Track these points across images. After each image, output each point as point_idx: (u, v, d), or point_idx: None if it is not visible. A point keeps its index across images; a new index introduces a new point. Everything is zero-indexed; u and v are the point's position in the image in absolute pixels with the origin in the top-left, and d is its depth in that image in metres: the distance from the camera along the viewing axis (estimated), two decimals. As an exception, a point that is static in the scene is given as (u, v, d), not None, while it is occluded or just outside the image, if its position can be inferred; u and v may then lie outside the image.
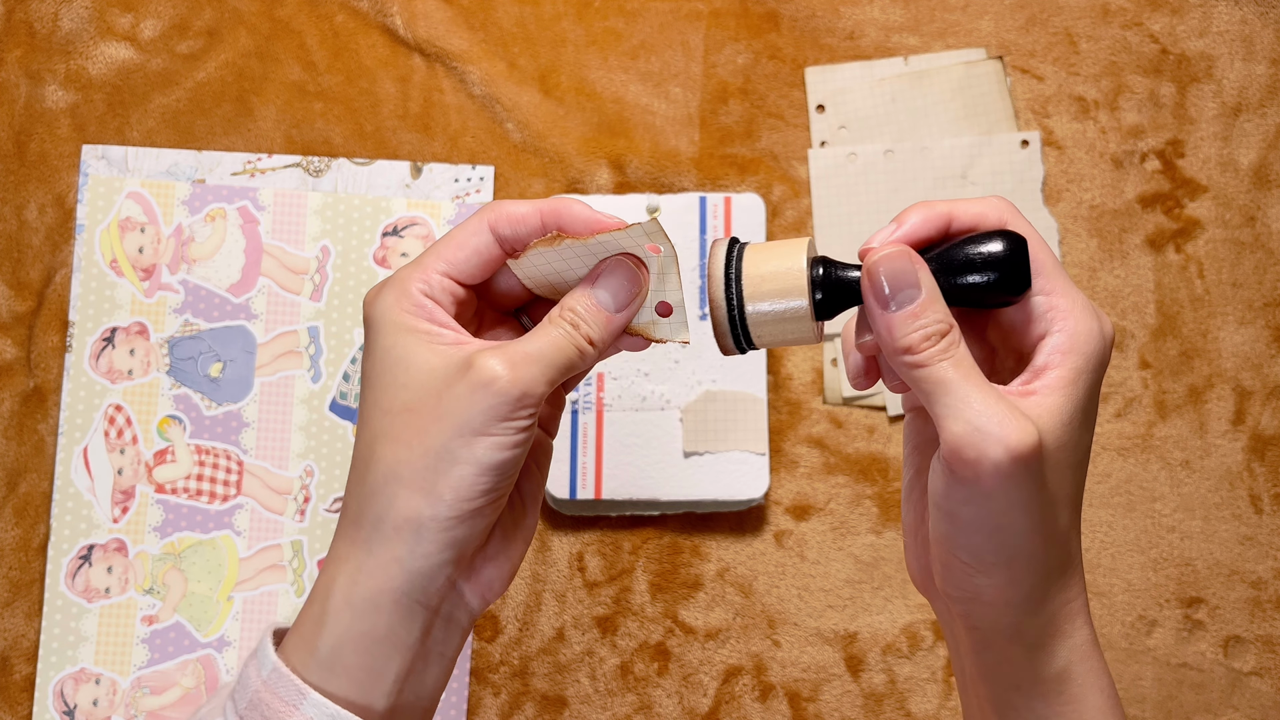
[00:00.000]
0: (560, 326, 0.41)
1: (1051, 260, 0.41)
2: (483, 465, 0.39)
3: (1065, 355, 0.40)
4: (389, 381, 0.40)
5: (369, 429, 0.40)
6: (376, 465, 0.40)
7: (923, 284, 0.39)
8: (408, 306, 0.41)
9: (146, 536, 0.69)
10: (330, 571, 0.41)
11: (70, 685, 0.68)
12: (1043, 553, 0.40)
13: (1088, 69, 0.72)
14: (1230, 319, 0.70)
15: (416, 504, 0.39)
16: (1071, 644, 0.41)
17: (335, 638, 0.40)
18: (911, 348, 0.39)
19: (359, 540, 0.40)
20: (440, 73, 0.72)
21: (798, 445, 0.70)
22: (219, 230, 0.71)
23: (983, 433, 0.37)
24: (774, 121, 0.72)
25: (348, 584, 0.40)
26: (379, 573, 0.39)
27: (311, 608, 0.41)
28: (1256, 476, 0.69)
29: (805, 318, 0.41)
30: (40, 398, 0.70)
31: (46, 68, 0.72)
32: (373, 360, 0.41)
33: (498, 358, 0.39)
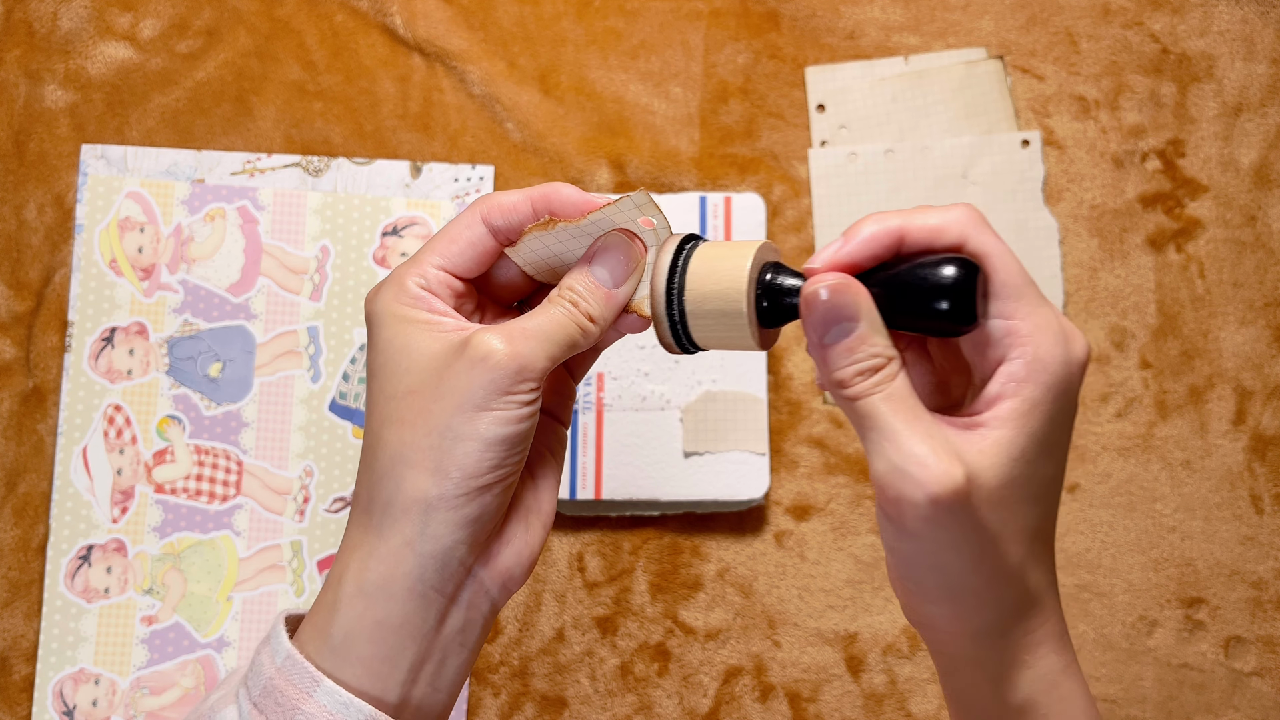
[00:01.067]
0: (559, 305, 0.41)
1: (1017, 278, 0.39)
2: (487, 441, 0.39)
3: (1020, 384, 0.38)
4: (392, 369, 0.40)
5: (375, 416, 0.40)
6: (383, 449, 0.39)
7: (861, 315, 0.38)
8: (405, 299, 0.41)
9: (146, 537, 0.69)
10: (343, 559, 0.40)
11: (70, 685, 0.68)
12: (990, 591, 0.39)
13: (1088, 68, 0.72)
14: (1231, 319, 0.70)
15: (424, 484, 0.39)
16: (1034, 674, 0.40)
17: (348, 625, 0.39)
18: (844, 381, 0.38)
19: (370, 526, 0.40)
20: (440, 72, 0.72)
21: (798, 445, 0.70)
22: (218, 230, 0.71)
23: (902, 474, 0.36)
24: (774, 121, 0.72)
25: (360, 571, 0.39)
26: (390, 558, 0.39)
27: (325, 595, 0.40)
28: (1257, 476, 0.69)
29: (744, 324, 0.40)
30: (39, 398, 0.70)
31: (46, 67, 0.72)
32: (375, 352, 0.41)
33: (495, 334, 0.39)
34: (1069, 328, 0.39)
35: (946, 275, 0.37)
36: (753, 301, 0.40)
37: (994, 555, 0.38)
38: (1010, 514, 0.38)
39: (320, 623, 0.40)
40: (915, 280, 0.38)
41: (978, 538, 0.37)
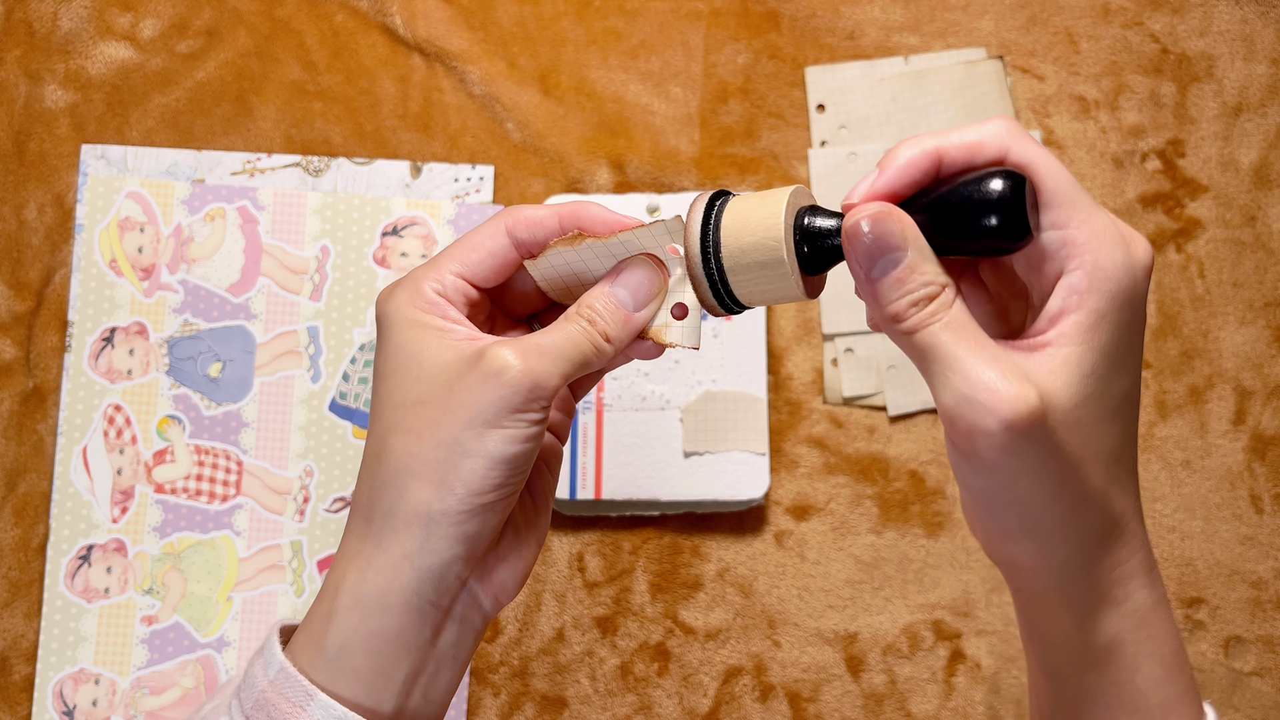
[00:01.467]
0: (577, 322, 0.40)
1: (1067, 187, 0.36)
2: (494, 458, 0.38)
3: (1083, 296, 0.35)
4: (401, 376, 0.39)
5: (381, 422, 0.40)
6: (388, 458, 0.39)
7: (908, 243, 0.36)
8: (420, 304, 0.40)
9: (146, 537, 0.69)
10: (340, 568, 0.40)
11: (70, 685, 0.68)
12: (1072, 519, 0.36)
13: (1088, 69, 0.72)
14: (1231, 319, 0.70)
15: (427, 496, 0.38)
16: (1123, 611, 0.38)
17: (343, 636, 0.39)
18: (898, 315, 0.36)
19: (369, 535, 0.39)
20: (440, 72, 0.72)
21: (798, 445, 0.70)
22: (218, 230, 0.71)
23: (972, 403, 0.34)
24: (774, 121, 0.72)
25: (356, 581, 0.39)
26: (388, 569, 0.39)
27: (320, 605, 0.40)
28: (1257, 476, 0.69)
29: (787, 274, 0.38)
30: (39, 398, 0.70)
31: (46, 67, 0.72)
32: (385, 356, 0.40)
33: (510, 348, 0.38)
34: (1128, 231, 0.37)
35: (993, 189, 0.35)
36: (792, 248, 0.38)
37: (1075, 481, 0.36)
38: (1088, 435, 0.36)
39: (315, 632, 0.39)
40: (960, 200, 0.35)
41: (1056, 463, 0.35)
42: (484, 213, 0.71)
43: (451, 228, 0.71)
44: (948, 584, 0.69)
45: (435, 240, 0.70)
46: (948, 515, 0.69)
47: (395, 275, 0.70)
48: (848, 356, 0.70)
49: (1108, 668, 0.38)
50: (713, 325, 0.69)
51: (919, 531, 0.69)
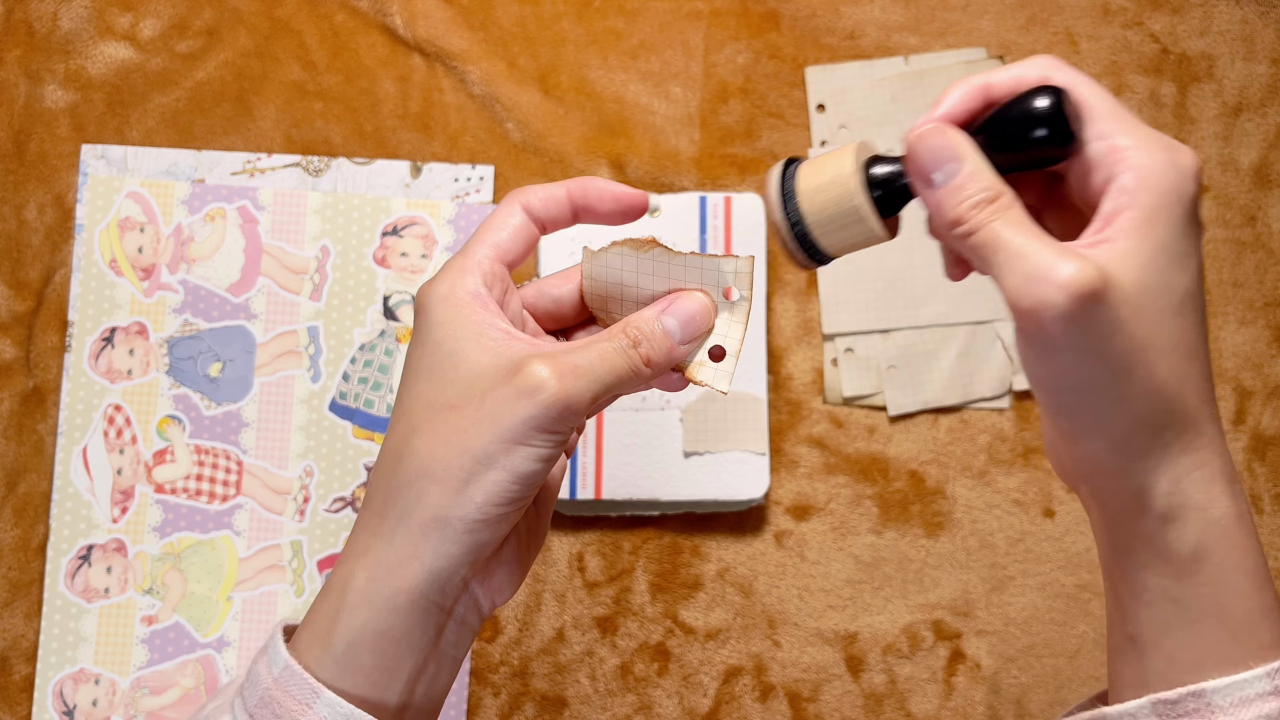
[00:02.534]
0: (618, 341, 0.40)
1: (1106, 103, 0.39)
2: (516, 473, 0.39)
3: (1134, 194, 0.37)
4: (436, 375, 0.39)
5: (407, 420, 0.40)
6: (411, 458, 0.39)
7: (964, 155, 0.38)
8: (462, 294, 0.40)
9: (146, 537, 0.69)
10: (349, 565, 0.40)
11: (70, 685, 0.68)
12: (1142, 406, 0.37)
13: (1088, 68, 0.72)
14: (1231, 319, 0.70)
15: (445, 502, 0.38)
16: (1207, 518, 0.37)
17: (352, 634, 0.39)
18: (960, 218, 0.38)
19: (382, 532, 0.39)
20: (440, 72, 0.72)
21: (798, 445, 0.70)
22: (218, 230, 0.71)
23: (1036, 278, 0.35)
24: (774, 121, 0.72)
25: (367, 579, 0.39)
26: (399, 569, 0.39)
27: (327, 601, 0.40)
28: (1257, 476, 0.69)
29: (866, 219, 0.41)
30: (39, 398, 0.70)
31: (46, 67, 0.72)
32: (422, 350, 0.40)
33: (548, 366, 0.38)
34: (1171, 140, 0.38)
35: (1036, 102, 0.38)
36: (866, 193, 0.41)
37: (1143, 366, 0.36)
38: (1152, 325, 0.36)
39: (321, 630, 0.40)
40: (1008, 117, 0.39)
41: (1122, 343, 0.36)
42: (484, 212, 0.71)
43: (451, 227, 0.71)
44: (948, 584, 0.69)
45: (435, 240, 0.71)
46: (948, 515, 0.69)
47: (395, 275, 0.70)
48: (848, 356, 0.70)
49: (1193, 578, 0.38)
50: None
51: (919, 531, 0.69)
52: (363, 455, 0.69)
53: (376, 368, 0.70)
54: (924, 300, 0.70)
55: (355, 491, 0.69)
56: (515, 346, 0.40)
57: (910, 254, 0.70)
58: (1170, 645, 0.38)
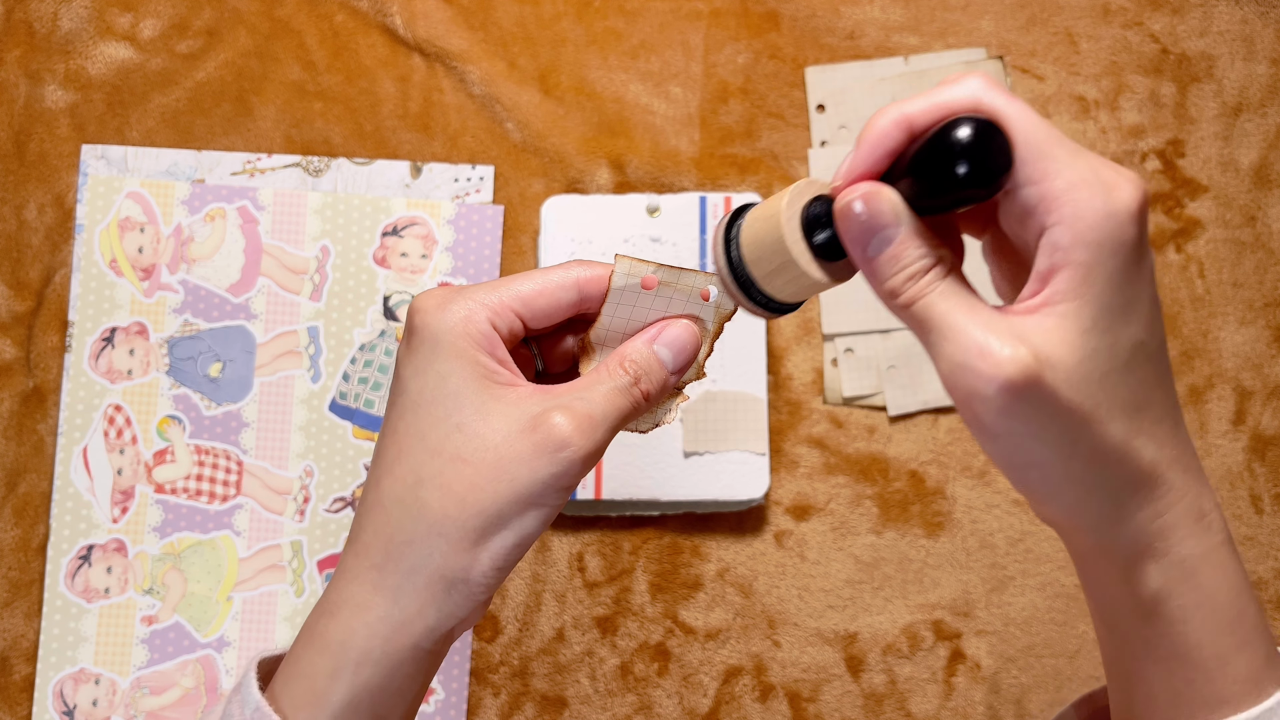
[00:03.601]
0: (620, 379, 0.39)
1: (1042, 137, 0.35)
2: (527, 534, 0.38)
3: (1067, 251, 0.34)
4: (440, 417, 0.38)
5: (410, 466, 0.38)
6: (420, 513, 0.37)
7: (897, 220, 0.36)
8: (473, 333, 0.39)
9: (146, 537, 0.69)
10: (347, 621, 0.38)
11: (70, 685, 0.68)
12: (1093, 477, 0.36)
13: (1088, 69, 0.72)
14: (1231, 319, 0.70)
15: (455, 563, 0.37)
16: (1166, 564, 0.37)
17: (353, 693, 0.38)
18: (895, 290, 0.36)
19: (385, 588, 0.38)
20: (440, 72, 0.72)
21: (798, 445, 0.70)
22: (218, 230, 0.71)
23: (965, 368, 0.34)
24: (774, 121, 0.72)
25: (368, 637, 0.38)
26: (405, 628, 0.38)
27: (322, 658, 0.38)
28: (1257, 477, 0.69)
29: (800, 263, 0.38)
30: (40, 398, 0.70)
31: (46, 67, 0.72)
32: (423, 381, 0.38)
33: (568, 420, 0.37)
34: (1111, 176, 0.35)
35: (955, 135, 0.35)
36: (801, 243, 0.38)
37: (1090, 438, 0.35)
38: (1099, 389, 0.35)
39: (318, 689, 0.38)
40: (927, 156, 0.35)
41: (1064, 423, 0.35)
42: (484, 213, 0.71)
43: (451, 228, 0.71)
44: (947, 584, 0.69)
45: (435, 240, 0.71)
46: (947, 515, 0.69)
47: (395, 275, 0.70)
48: (848, 356, 0.70)
49: (1157, 620, 0.37)
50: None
51: (919, 531, 0.69)
52: (363, 455, 0.70)
53: (376, 368, 0.70)
54: (924, 300, 0.70)
55: (355, 491, 0.69)
56: (519, 390, 0.39)
57: (910, 254, 0.70)
58: (1147, 682, 0.38)
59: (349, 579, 0.39)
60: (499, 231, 0.71)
